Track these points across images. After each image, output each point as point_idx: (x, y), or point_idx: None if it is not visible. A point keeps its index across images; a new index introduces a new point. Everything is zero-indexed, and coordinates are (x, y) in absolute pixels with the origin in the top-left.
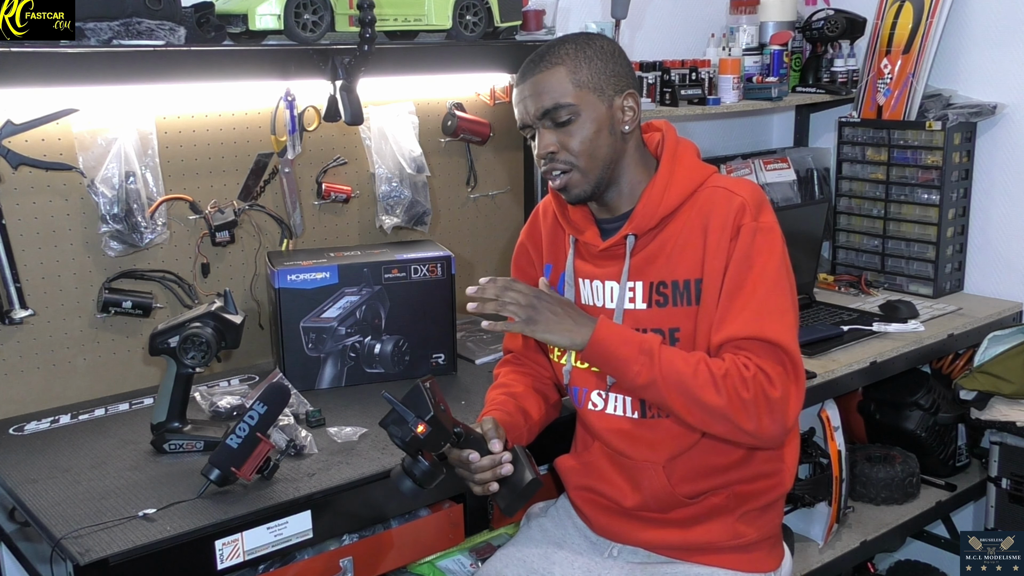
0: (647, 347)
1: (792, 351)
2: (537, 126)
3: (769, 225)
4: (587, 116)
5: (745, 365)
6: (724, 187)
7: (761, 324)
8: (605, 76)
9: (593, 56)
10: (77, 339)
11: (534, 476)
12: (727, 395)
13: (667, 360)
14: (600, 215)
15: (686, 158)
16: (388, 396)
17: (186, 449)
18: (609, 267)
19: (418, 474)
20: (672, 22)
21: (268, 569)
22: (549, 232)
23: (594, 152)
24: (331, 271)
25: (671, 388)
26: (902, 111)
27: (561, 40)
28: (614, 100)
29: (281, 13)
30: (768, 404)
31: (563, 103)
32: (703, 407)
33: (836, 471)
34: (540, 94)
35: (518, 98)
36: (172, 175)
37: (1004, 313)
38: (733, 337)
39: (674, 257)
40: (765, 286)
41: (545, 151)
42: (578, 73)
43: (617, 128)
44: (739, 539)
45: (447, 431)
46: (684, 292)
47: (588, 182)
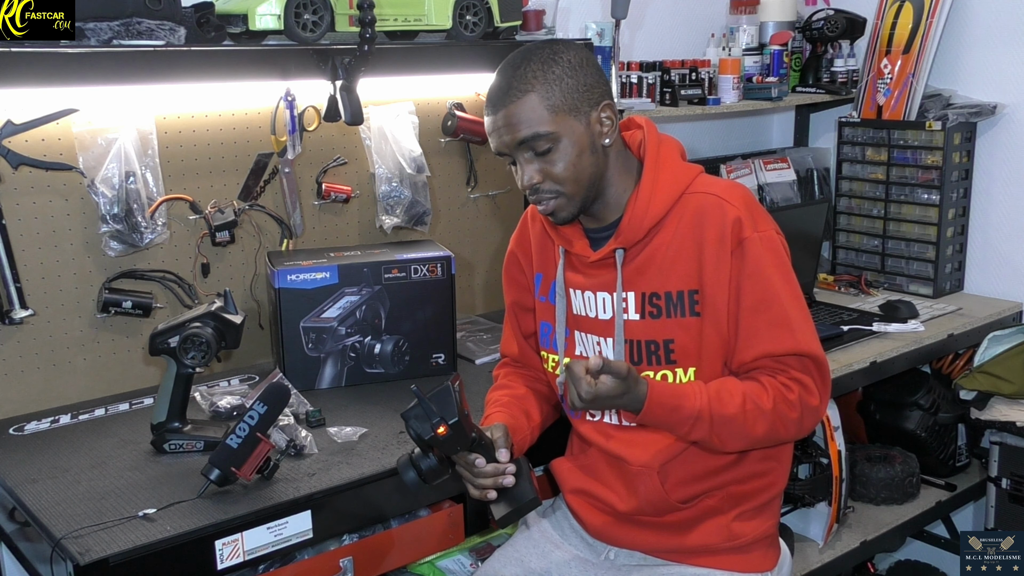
0: (697, 413)
1: (822, 359)
2: (516, 156)
3: (770, 234)
4: (567, 141)
5: (787, 386)
6: (714, 194)
7: (796, 339)
8: (578, 93)
9: (562, 75)
10: (77, 339)
11: (534, 495)
12: (775, 418)
13: (719, 416)
14: (588, 224)
15: (669, 161)
16: (416, 390)
17: (186, 449)
18: (600, 277)
19: (424, 469)
20: (672, 22)
21: (268, 569)
22: (538, 240)
23: (578, 176)
24: (331, 271)
25: (727, 439)
26: (902, 111)
27: (525, 59)
28: (590, 115)
29: (281, 13)
30: (810, 412)
31: (541, 132)
32: (755, 440)
33: (836, 471)
34: (514, 125)
35: (491, 128)
36: (172, 175)
37: (1004, 313)
38: (771, 354)
39: (665, 268)
40: (788, 296)
41: (529, 183)
42: (551, 98)
43: (598, 143)
44: (735, 540)
45: (465, 437)
46: (678, 303)
47: (575, 204)
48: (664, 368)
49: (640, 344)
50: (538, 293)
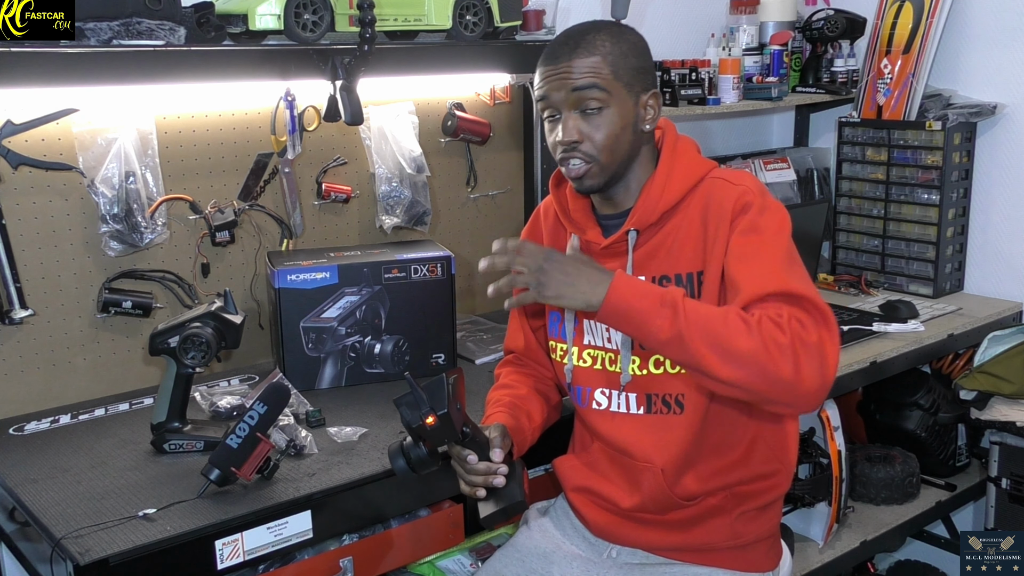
0: (669, 299)
1: (819, 301)
2: (563, 109)
3: (775, 206)
4: (616, 109)
5: (777, 312)
6: (724, 179)
7: (782, 280)
8: (637, 72)
9: (628, 52)
10: (77, 339)
11: (522, 498)
12: (761, 339)
13: (692, 309)
14: (602, 210)
15: (686, 153)
16: (410, 378)
17: (186, 449)
18: (612, 264)
19: (413, 458)
20: (672, 22)
21: (268, 569)
22: (551, 233)
23: (616, 148)
24: (331, 271)
25: (699, 339)
26: (902, 111)
27: (595, 27)
28: (641, 97)
29: (281, 13)
30: (805, 348)
31: (600, 85)
32: (736, 355)
33: (836, 471)
34: (575, 74)
35: (546, 76)
36: (172, 175)
37: (1004, 313)
38: (754, 296)
39: (675, 251)
40: (780, 251)
41: (569, 138)
42: (615, 66)
43: (640, 126)
44: (737, 539)
45: (454, 431)
46: (687, 285)
47: (603, 175)
48: None
49: None
50: None
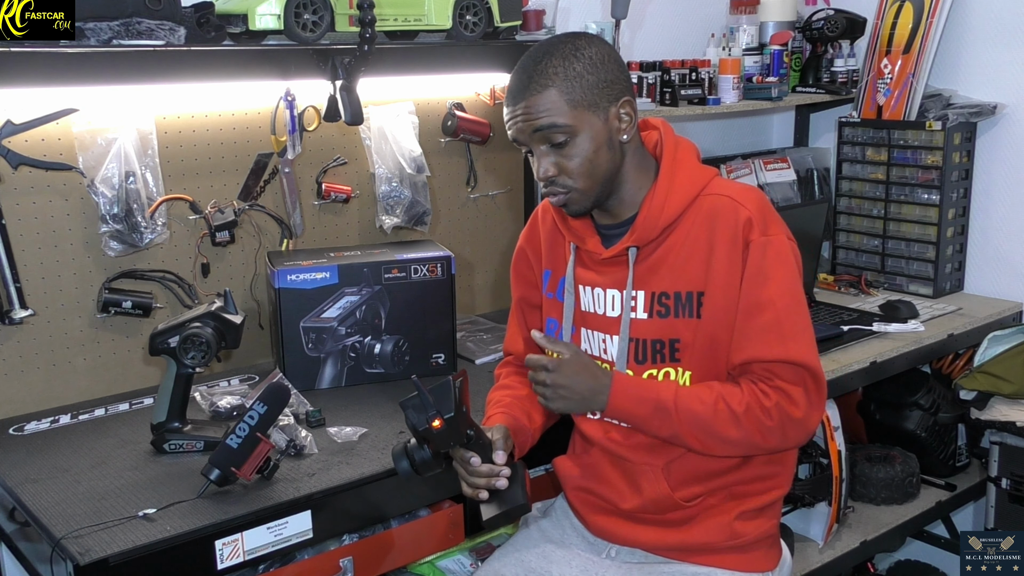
0: (663, 405)
1: (816, 369)
2: (532, 146)
3: (780, 238)
4: (584, 136)
5: (765, 393)
6: (729, 196)
7: (786, 346)
8: (598, 89)
9: (583, 71)
10: (77, 339)
11: (525, 500)
12: (748, 428)
13: (685, 410)
14: (601, 220)
15: (686, 162)
16: (416, 380)
17: (186, 449)
18: (611, 274)
19: (417, 460)
20: (672, 22)
21: (268, 569)
22: (548, 236)
23: (594, 171)
24: (331, 271)
25: (693, 436)
26: (902, 111)
27: (547, 52)
28: (609, 111)
29: (281, 13)
30: (792, 423)
31: (559, 123)
32: (727, 441)
33: (836, 471)
34: (533, 115)
35: (509, 117)
36: (172, 175)
37: (1004, 313)
38: (758, 359)
39: (677, 268)
40: (784, 302)
41: (544, 175)
42: (571, 92)
43: (615, 139)
44: (736, 539)
45: (460, 434)
46: (686, 304)
47: (588, 199)
48: (667, 366)
49: (646, 343)
50: (545, 289)
